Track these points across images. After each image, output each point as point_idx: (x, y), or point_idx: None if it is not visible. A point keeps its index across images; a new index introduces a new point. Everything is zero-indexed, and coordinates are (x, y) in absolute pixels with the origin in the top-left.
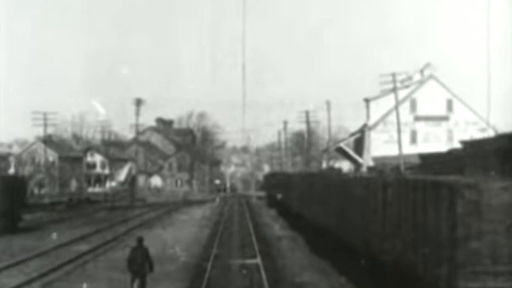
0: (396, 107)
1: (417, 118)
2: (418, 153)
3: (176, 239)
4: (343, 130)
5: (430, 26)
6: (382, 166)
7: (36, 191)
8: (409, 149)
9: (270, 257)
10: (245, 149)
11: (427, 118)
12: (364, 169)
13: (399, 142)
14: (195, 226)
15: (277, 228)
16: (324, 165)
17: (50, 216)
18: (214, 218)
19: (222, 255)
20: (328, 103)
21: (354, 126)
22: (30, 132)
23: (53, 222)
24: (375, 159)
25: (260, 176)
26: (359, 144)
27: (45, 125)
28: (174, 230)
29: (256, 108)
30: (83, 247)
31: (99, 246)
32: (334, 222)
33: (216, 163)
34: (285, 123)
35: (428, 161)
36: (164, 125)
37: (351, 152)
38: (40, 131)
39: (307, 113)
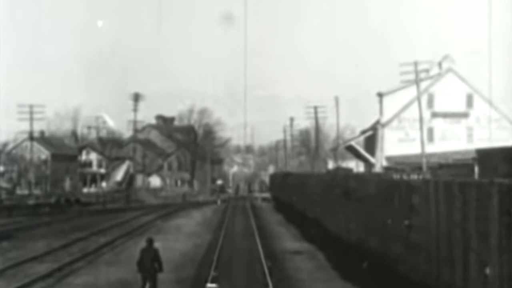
0: (418, 99)
1: (435, 115)
2: (475, 148)
3: (165, 254)
4: (349, 128)
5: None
6: (402, 165)
7: (26, 191)
8: (426, 148)
9: (286, 283)
10: (248, 149)
11: (445, 115)
12: (378, 169)
13: (422, 140)
14: (191, 235)
15: (289, 239)
16: (331, 165)
17: (28, 221)
18: (214, 224)
19: (222, 279)
20: (336, 99)
21: (361, 123)
22: (24, 128)
23: (28, 228)
24: (389, 159)
25: (263, 176)
26: (370, 142)
27: (31, 119)
28: (165, 241)
29: (259, 104)
30: (45, 266)
31: (67, 264)
32: (378, 240)
33: (218, 162)
34: (291, 119)
35: (491, 157)
36: (164, 122)
37: (362, 151)
38: (35, 126)
39: (315, 108)
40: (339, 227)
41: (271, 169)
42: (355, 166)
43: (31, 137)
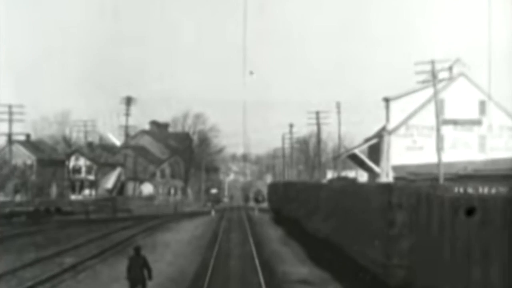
0: (436, 101)
1: (445, 122)
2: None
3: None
4: (349, 136)
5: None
6: (414, 175)
7: (9, 198)
8: (435, 157)
9: None
10: (245, 157)
11: (456, 122)
12: (387, 178)
13: (438, 148)
14: (178, 256)
15: (294, 262)
16: (330, 174)
17: None
18: (206, 239)
19: None
20: (338, 105)
21: (360, 131)
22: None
23: None
24: (396, 168)
25: (260, 186)
26: (375, 150)
27: (10, 121)
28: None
29: (258, 111)
30: None
31: None
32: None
33: (213, 170)
34: (291, 125)
35: None
36: (158, 128)
37: (366, 159)
38: (20, 129)
39: (317, 113)
40: (372, 260)
41: (268, 178)
42: (356, 175)
43: (10, 140)
